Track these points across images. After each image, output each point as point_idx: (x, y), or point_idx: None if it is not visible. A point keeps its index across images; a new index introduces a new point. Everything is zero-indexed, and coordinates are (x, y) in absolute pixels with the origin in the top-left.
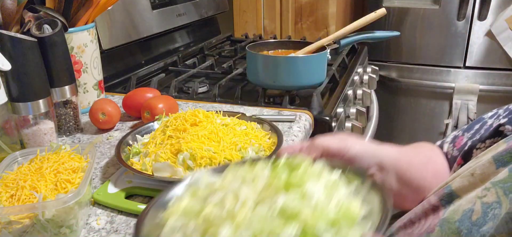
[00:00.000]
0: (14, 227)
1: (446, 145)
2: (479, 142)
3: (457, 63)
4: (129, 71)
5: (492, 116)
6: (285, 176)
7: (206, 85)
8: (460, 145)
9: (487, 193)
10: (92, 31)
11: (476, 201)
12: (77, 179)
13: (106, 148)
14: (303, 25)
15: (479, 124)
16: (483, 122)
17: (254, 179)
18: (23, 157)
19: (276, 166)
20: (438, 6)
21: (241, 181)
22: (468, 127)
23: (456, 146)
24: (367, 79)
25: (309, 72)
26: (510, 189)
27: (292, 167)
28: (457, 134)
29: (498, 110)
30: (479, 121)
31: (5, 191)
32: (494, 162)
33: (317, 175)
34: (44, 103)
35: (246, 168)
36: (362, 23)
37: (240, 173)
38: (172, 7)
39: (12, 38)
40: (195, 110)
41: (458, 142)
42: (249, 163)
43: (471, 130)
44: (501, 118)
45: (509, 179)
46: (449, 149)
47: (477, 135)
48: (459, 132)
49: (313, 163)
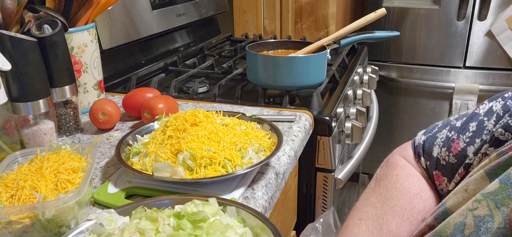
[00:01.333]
0: (14, 227)
1: (436, 148)
2: (479, 151)
3: (457, 63)
4: (129, 71)
5: (488, 114)
6: (190, 229)
7: (206, 85)
8: (457, 150)
9: (478, 205)
10: (92, 31)
11: (468, 214)
12: (77, 179)
13: (106, 148)
14: (303, 25)
15: (475, 124)
16: (479, 122)
17: (157, 230)
18: (23, 157)
19: (181, 217)
20: (438, 6)
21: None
22: (462, 128)
23: (452, 152)
24: (367, 79)
25: (309, 72)
26: (502, 201)
27: (197, 220)
28: (450, 136)
29: (492, 106)
30: (473, 119)
31: (5, 191)
32: (487, 177)
33: (223, 229)
34: (44, 103)
35: (150, 216)
36: (362, 23)
37: (143, 224)
38: (172, 7)
39: (12, 38)
40: (195, 110)
41: (454, 147)
42: (154, 210)
43: (467, 132)
44: (500, 124)
45: (500, 191)
46: (443, 154)
47: (477, 141)
48: (451, 132)
49: (222, 215)
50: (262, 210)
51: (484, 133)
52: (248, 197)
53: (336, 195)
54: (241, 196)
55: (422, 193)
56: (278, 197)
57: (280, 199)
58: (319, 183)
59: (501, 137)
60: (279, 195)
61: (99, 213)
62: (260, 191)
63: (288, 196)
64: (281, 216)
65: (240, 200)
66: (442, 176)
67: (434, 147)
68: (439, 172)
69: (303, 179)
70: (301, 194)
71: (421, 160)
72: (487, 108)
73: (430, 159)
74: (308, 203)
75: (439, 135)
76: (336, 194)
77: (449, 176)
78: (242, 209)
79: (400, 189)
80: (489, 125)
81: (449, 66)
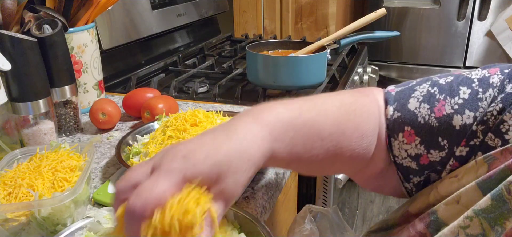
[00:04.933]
0: (11, 224)
1: (413, 100)
2: (475, 124)
3: (457, 63)
4: (129, 71)
5: (483, 84)
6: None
7: (206, 85)
8: (441, 113)
9: (470, 223)
10: (92, 31)
11: (459, 232)
12: (74, 177)
13: (106, 148)
14: (303, 25)
15: (467, 90)
16: (473, 91)
17: None
18: (23, 155)
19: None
20: (438, 6)
21: None
22: (450, 88)
23: (435, 113)
24: (367, 79)
25: (309, 72)
26: (495, 220)
27: None
28: (433, 93)
29: (489, 77)
30: (464, 83)
31: (3, 189)
32: (479, 189)
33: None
34: (44, 103)
35: None
36: (362, 23)
37: None
38: (172, 7)
39: (12, 38)
40: (195, 110)
41: (438, 108)
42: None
43: (456, 96)
44: (499, 102)
45: (493, 209)
46: (423, 111)
47: (469, 114)
48: (434, 89)
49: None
50: (262, 210)
51: (479, 110)
52: (248, 197)
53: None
54: (241, 196)
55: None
56: (278, 197)
57: (280, 199)
58: (319, 183)
59: (490, 142)
60: (279, 195)
61: (97, 211)
62: (260, 191)
63: (288, 196)
64: (281, 216)
65: (240, 200)
66: (415, 135)
67: (410, 98)
68: (412, 129)
69: (303, 179)
70: (301, 194)
71: (388, 109)
72: (481, 75)
73: (402, 110)
74: (308, 203)
75: (419, 88)
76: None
77: (426, 142)
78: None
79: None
80: (484, 102)
81: (449, 66)
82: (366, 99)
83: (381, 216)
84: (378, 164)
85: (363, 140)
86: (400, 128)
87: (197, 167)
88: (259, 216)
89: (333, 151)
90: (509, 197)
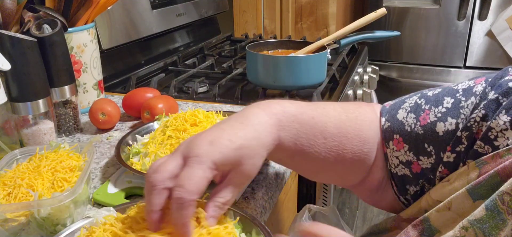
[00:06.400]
0: (11, 224)
1: (402, 111)
2: (459, 130)
3: (458, 63)
4: (129, 71)
5: (466, 93)
6: None
7: (206, 85)
8: (425, 121)
9: (466, 233)
10: (92, 31)
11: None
12: (74, 177)
13: (106, 148)
14: (303, 25)
15: (451, 100)
16: (456, 100)
17: None
18: (22, 155)
19: None
20: (438, 6)
21: None
22: (435, 100)
23: (420, 122)
24: (367, 79)
25: (309, 72)
26: (490, 231)
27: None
28: (420, 104)
29: (473, 87)
30: (449, 93)
31: (3, 189)
32: (470, 196)
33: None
34: (44, 103)
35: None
36: (362, 23)
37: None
38: (172, 7)
39: (11, 38)
40: (195, 110)
41: (423, 117)
42: None
43: (440, 105)
44: (481, 108)
45: (487, 219)
46: (410, 120)
47: (451, 120)
48: (421, 100)
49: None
50: (262, 210)
51: (460, 116)
52: (248, 197)
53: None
54: (241, 196)
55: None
56: (278, 197)
57: (280, 199)
58: (319, 183)
59: (480, 150)
60: (279, 195)
61: (97, 211)
62: (260, 191)
63: (288, 196)
64: (281, 216)
65: (240, 200)
66: (403, 143)
67: (400, 110)
68: (400, 137)
69: (303, 179)
70: (301, 194)
71: (381, 120)
72: (466, 86)
73: (392, 120)
74: (308, 203)
75: (408, 100)
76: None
77: (414, 148)
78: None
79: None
80: (465, 109)
81: (450, 66)
82: (367, 108)
83: (381, 216)
84: (378, 173)
85: (364, 145)
86: (390, 136)
87: (223, 152)
88: (259, 216)
89: (335, 151)
90: (503, 207)
